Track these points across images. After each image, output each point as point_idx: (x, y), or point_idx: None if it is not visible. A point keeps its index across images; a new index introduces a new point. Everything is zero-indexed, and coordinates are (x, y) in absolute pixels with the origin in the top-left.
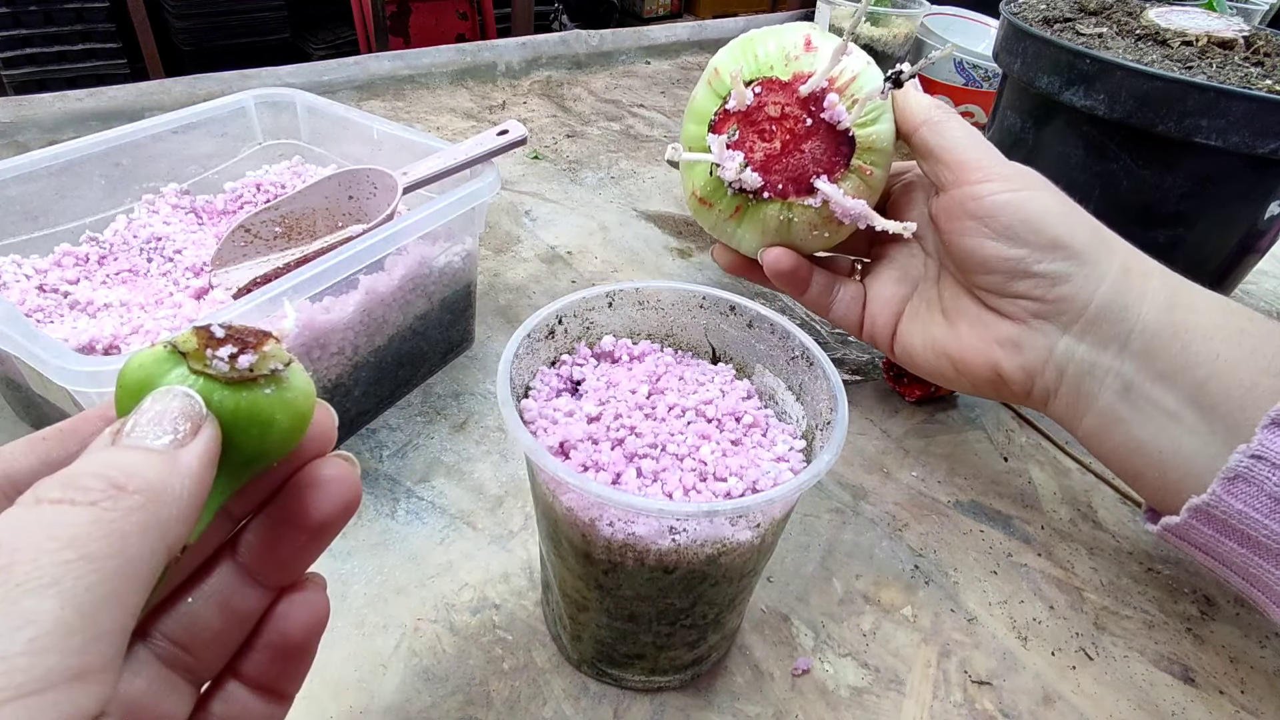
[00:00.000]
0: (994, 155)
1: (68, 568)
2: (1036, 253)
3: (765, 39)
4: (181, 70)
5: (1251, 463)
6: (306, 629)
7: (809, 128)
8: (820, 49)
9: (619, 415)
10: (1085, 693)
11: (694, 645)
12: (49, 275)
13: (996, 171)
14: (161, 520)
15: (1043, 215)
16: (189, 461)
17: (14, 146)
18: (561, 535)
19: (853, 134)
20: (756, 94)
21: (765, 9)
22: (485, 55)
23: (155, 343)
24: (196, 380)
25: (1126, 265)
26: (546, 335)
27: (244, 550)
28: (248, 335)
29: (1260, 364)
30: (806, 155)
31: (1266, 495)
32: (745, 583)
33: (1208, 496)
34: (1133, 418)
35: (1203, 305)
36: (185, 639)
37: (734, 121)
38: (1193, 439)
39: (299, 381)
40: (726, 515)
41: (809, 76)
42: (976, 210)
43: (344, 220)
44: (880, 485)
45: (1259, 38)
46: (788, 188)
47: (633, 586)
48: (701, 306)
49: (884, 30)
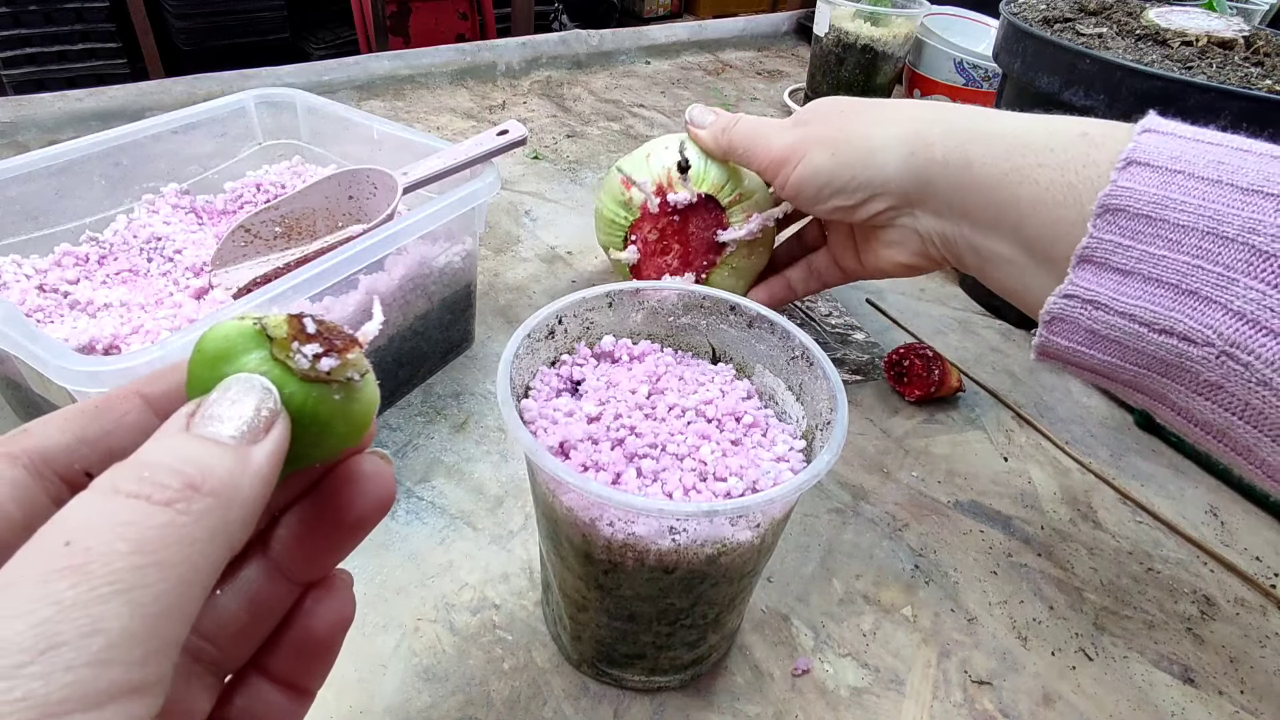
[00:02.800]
0: (765, 142)
1: (139, 574)
2: (838, 198)
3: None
4: (181, 70)
5: (1065, 302)
6: (332, 627)
7: (680, 221)
8: (637, 181)
9: (619, 415)
10: (1085, 693)
11: (694, 645)
12: (49, 275)
13: (773, 158)
14: (228, 524)
15: (824, 175)
16: (259, 461)
17: (14, 146)
18: (561, 535)
19: (702, 194)
20: (635, 241)
21: (765, 9)
22: (485, 55)
23: (245, 315)
24: (274, 367)
25: (912, 148)
26: (546, 335)
27: (276, 545)
28: (336, 337)
29: (1056, 197)
30: (698, 233)
31: (1084, 330)
32: (745, 583)
33: (1039, 339)
34: (986, 267)
35: (993, 152)
36: (212, 631)
37: (639, 245)
38: (1034, 279)
39: (367, 394)
40: (726, 515)
41: (644, 204)
42: (788, 196)
43: (344, 220)
44: (880, 485)
45: (1259, 38)
46: (712, 258)
47: (633, 586)
48: (702, 307)
49: (884, 30)
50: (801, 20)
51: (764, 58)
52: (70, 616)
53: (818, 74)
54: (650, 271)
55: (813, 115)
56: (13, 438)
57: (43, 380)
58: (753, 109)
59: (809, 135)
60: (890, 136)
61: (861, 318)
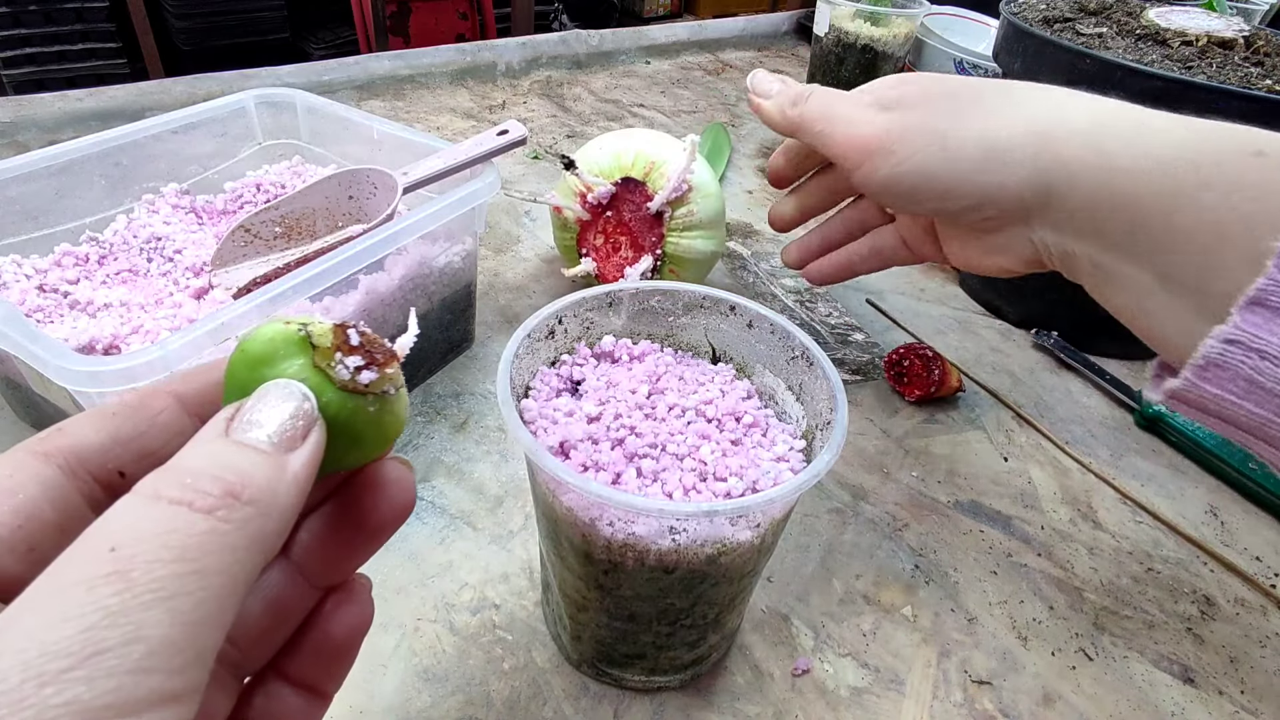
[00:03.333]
0: (846, 124)
1: (180, 582)
2: (941, 203)
3: (554, 240)
4: (181, 70)
5: (1226, 348)
6: (351, 631)
7: (615, 214)
8: (558, 201)
9: (619, 415)
10: (1085, 693)
11: (694, 645)
12: (49, 275)
13: (857, 144)
14: (266, 534)
15: (926, 174)
16: (296, 468)
17: (14, 146)
18: (561, 535)
19: (618, 180)
20: (586, 253)
21: (765, 9)
22: (485, 55)
23: (291, 320)
24: (314, 375)
25: (1038, 150)
26: (546, 335)
27: (297, 548)
28: (377, 351)
29: (1221, 226)
30: (634, 216)
31: (1242, 380)
32: (745, 583)
33: (1180, 384)
34: (1107, 287)
35: (1141, 164)
36: (232, 633)
37: (591, 255)
38: (1168, 311)
39: (398, 408)
40: (726, 515)
41: (578, 219)
42: (873, 192)
43: (344, 220)
44: (880, 485)
45: (1259, 38)
46: (659, 231)
47: (633, 586)
48: (702, 307)
49: (884, 30)
50: (801, 20)
51: (764, 58)
52: (115, 622)
53: (818, 74)
54: (612, 272)
55: (911, 95)
56: (47, 437)
57: (43, 380)
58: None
59: (909, 122)
60: (1016, 134)
61: (861, 318)
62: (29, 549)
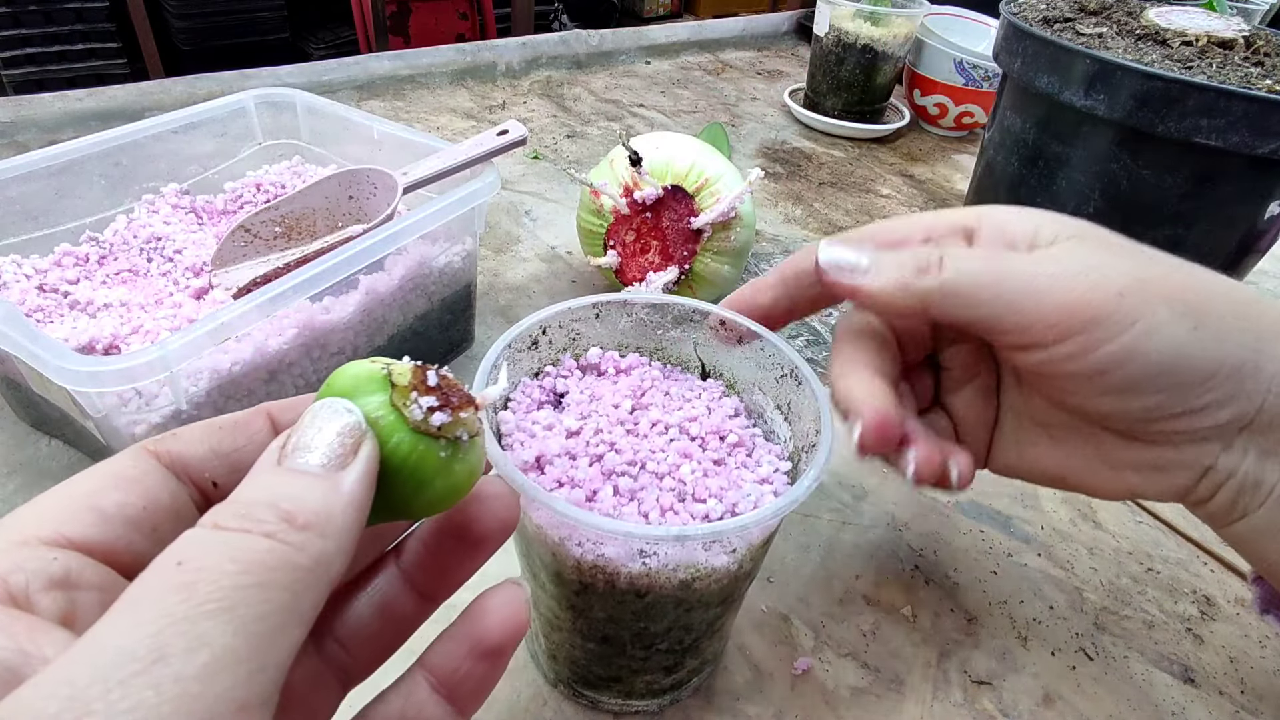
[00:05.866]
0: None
1: (245, 593)
2: (1177, 395)
3: (579, 221)
4: (181, 70)
5: None
6: (505, 625)
7: (653, 217)
8: (603, 187)
9: (600, 430)
10: (1085, 692)
11: (671, 670)
12: (49, 275)
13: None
14: (327, 553)
15: (1174, 354)
16: (349, 487)
17: (14, 146)
18: (533, 553)
19: (668, 186)
20: (614, 245)
21: (765, 9)
22: (485, 55)
23: (378, 359)
24: (389, 412)
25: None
26: (529, 346)
27: (407, 554)
28: (453, 394)
29: None
30: (673, 225)
31: None
32: (725, 608)
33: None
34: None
35: None
36: (345, 636)
37: (618, 249)
38: None
39: (473, 456)
40: (699, 540)
41: (615, 208)
42: (1077, 372)
43: (344, 220)
44: (880, 485)
45: (1259, 38)
46: (692, 248)
47: (605, 609)
48: (692, 320)
49: (884, 30)
50: (801, 20)
51: (764, 58)
52: (179, 630)
53: (818, 74)
54: (633, 272)
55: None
56: (161, 439)
57: (43, 380)
58: (752, 109)
59: (1145, 287)
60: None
61: None
62: (153, 529)
